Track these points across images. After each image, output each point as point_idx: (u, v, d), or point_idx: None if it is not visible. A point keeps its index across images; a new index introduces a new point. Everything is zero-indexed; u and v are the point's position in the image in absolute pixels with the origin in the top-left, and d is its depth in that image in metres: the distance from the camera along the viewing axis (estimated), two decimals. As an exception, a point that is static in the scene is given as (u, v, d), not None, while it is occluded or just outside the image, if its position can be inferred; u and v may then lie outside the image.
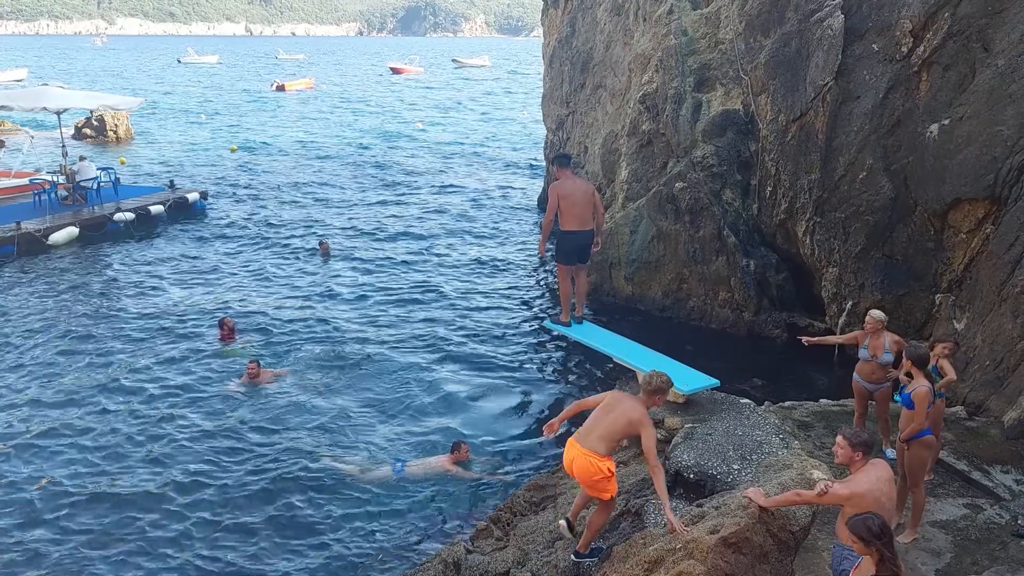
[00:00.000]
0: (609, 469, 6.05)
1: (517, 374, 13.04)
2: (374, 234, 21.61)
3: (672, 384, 6.40)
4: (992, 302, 9.98)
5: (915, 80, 11.07)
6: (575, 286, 10.28)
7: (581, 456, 6.04)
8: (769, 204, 13.54)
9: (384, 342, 14.03)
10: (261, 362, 12.52)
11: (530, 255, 19.91)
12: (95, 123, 36.89)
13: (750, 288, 13.82)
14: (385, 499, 9.30)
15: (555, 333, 12.43)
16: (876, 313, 8.03)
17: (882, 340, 7.86)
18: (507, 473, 9.90)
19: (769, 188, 13.40)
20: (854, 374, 8.18)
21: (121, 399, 11.73)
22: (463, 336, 14.53)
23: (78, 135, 36.33)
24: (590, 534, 6.44)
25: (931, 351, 7.36)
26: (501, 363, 13.41)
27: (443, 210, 24.53)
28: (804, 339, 8.67)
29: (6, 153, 24.59)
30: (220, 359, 13.20)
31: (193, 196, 23.22)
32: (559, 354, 13.93)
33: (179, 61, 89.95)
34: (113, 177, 22.80)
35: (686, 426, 7.66)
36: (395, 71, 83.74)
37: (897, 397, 6.84)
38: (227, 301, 16.02)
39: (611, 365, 10.80)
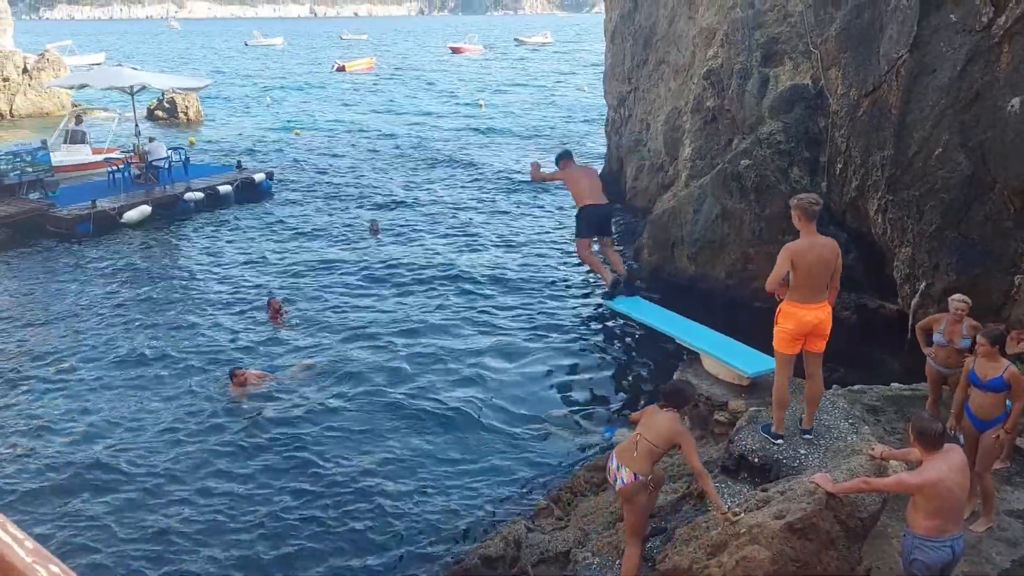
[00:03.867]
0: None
1: (577, 356, 12.98)
2: (433, 213, 21.68)
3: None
4: (1076, 284, 9.55)
5: (995, 52, 10.55)
6: (607, 258, 10.98)
7: (825, 310, 6.48)
8: (839, 182, 13.15)
9: (436, 324, 14.06)
10: (253, 366, 12.00)
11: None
12: (167, 105, 37.83)
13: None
14: (442, 480, 9.40)
15: (614, 311, 12.34)
16: (965, 298, 7.59)
17: (960, 325, 7.54)
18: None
19: (839, 165, 13.01)
20: (927, 359, 7.87)
21: (195, 376, 12.10)
22: (516, 316, 14.50)
23: (151, 116, 37.34)
24: (781, 413, 6.71)
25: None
26: (556, 343, 13.35)
27: (501, 189, 24.49)
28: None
29: (90, 130, 25.90)
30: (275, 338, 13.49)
31: (260, 176, 23.64)
32: (617, 333, 13.82)
33: (246, 44, 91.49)
34: (183, 156, 23.38)
35: (751, 409, 7.54)
36: (455, 51, 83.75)
37: (983, 382, 6.53)
38: (285, 280, 16.30)
39: (672, 346, 10.68)
